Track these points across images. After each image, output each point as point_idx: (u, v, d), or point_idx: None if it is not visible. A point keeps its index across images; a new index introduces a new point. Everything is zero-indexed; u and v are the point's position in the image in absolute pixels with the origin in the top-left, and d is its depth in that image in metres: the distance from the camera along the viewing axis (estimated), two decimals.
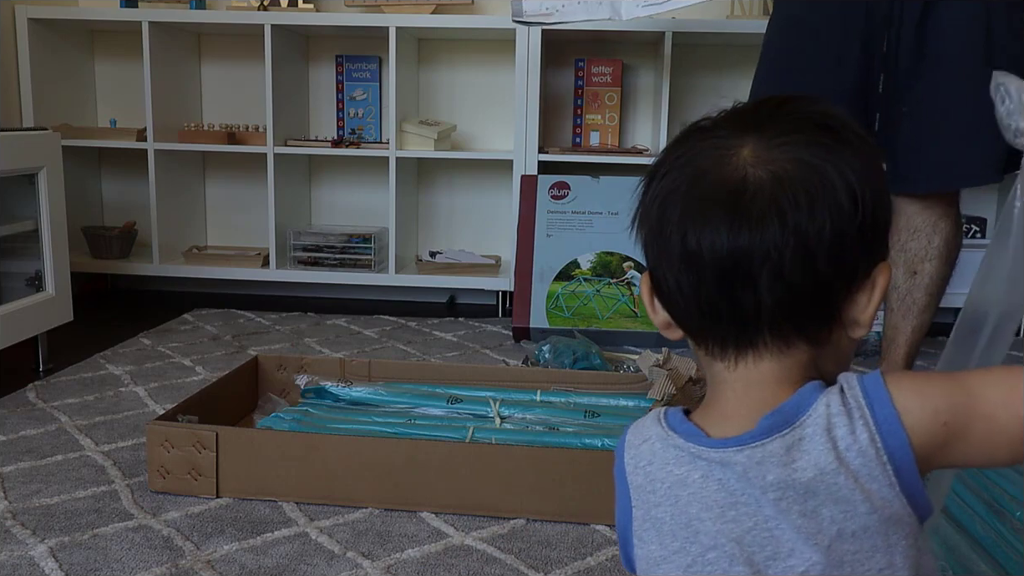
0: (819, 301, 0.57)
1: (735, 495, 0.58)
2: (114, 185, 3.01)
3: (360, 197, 2.95)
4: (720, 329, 0.59)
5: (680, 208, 0.58)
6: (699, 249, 0.56)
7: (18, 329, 1.91)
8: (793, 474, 0.56)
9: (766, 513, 0.57)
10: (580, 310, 2.36)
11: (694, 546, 0.60)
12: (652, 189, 0.61)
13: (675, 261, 0.58)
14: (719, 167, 0.57)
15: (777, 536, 0.57)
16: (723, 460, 0.58)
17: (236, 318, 2.57)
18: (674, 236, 0.58)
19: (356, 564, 1.17)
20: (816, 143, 0.56)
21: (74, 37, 2.87)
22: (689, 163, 0.59)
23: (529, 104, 2.58)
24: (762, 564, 0.57)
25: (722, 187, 0.56)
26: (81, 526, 1.26)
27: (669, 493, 0.62)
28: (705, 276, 0.57)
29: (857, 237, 0.56)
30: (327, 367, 1.75)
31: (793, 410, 0.57)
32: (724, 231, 0.55)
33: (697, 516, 0.59)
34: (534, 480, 1.31)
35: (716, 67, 2.81)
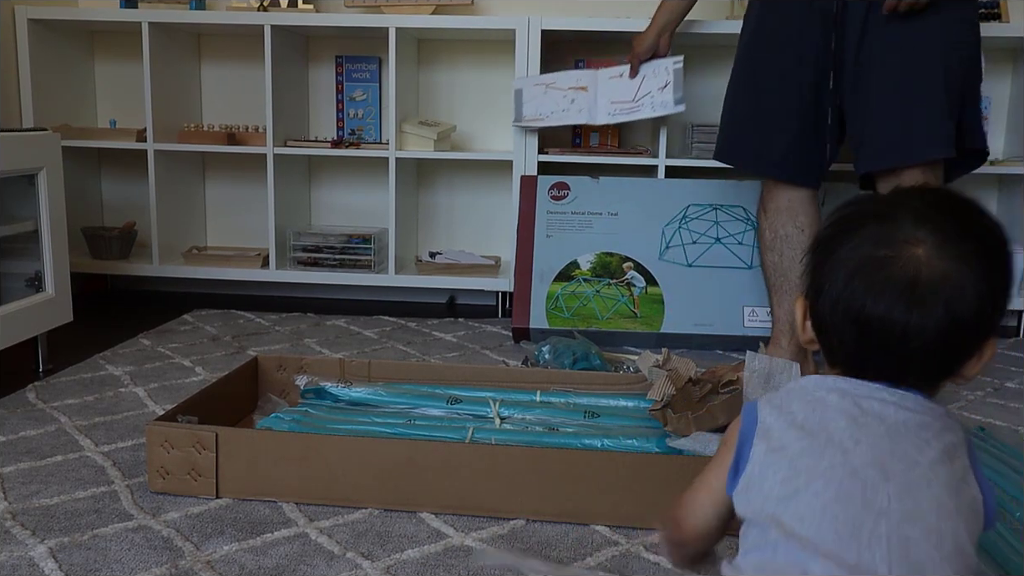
0: (948, 366, 0.78)
1: (863, 410, 0.79)
2: (114, 185, 3.01)
3: (360, 197, 2.95)
4: (865, 369, 0.79)
5: (864, 284, 0.76)
6: (873, 319, 0.75)
7: (18, 329, 1.92)
8: (906, 404, 0.78)
9: (890, 423, 0.78)
10: (580, 311, 2.37)
11: (841, 468, 0.80)
12: (840, 254, 0.78)
13: (849, 322, 0.77)
14: (899, 259, 0.75)
15: (903, 438, 0.77)
16: (856, 389, 0.80)
17: (236, 318, 2.57)
18: (855, 304, 0.76)
19: (356, 564, 1.17)
20: (972, 255, 0.75)
21: (74, 37, 2.87)
22: (875, 247, 0.77)
23: None
24: (887, 458, 0.76)
25: (901, 277, 0.75)
26: (81, 527, 1.26)
27: (809, 413, 0.82)
28: (871, 340, 0.76)
29: (986, 323, 0.76)
30: (327, 367, 1.75)
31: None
32: (900, 310, 0.74)
33: (832, 435, 0.80)
34: (534, 480, 1.31)
35: (716, 67, 2.81)
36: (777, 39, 1.81)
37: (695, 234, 2.40)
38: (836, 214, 0.82)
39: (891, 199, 0.81)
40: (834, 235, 0.80)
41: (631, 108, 2.43)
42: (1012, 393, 1.99)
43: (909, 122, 1.69)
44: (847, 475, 0.73)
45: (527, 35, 2.55)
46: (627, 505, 1.29)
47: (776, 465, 0.78)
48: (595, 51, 2.79)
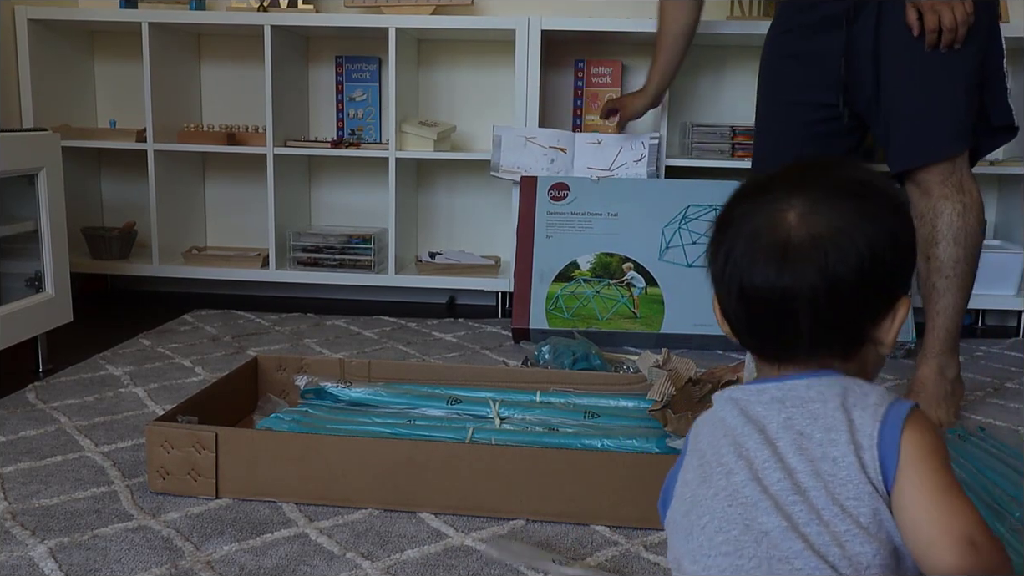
0: (846, 330, 0.76)
1: (749, 416, 0.77)
2: (114, 186, 3.01)
3: (360, 198, 2.95)
4: (767, 346, 0.79)
5: (739, 263, 0.76)
6: (751, 290, 0.75)
7: (18, 330, 1.92)
8: (806, 403, 0.75)
9: (772, 432, 0.75)
10: (580, 311, 2.37)
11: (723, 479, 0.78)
12: (722, 242, 0.78)
13: (734, 299, 0.77)
14: (769, 228, 0.75)
15: (774, 447, 0.74)
16: (759, 391, 0.78)
17: (236, 319, 2.57)
18: (734, 283, 0.76)
19: (356, 565, 1.17)
20: (847, 211, 0.74)
21: (74, 37, 2.87)
22: (748, 221, 0.77)
23: (529, 105, 2.58)
24: (760, 467, 0.74)
25: (771, 245, 0.74)
26: (81, 527, 1.26)
27: (711, 434, 0.81)
28: (757, 310, 0.76)
29: (875, 282, 0.74)
30: (327, 368, 1.75)
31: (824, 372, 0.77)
32: (772, 275, 0.74)
33: (716, 446, 0.80)
34: (534, 480, 1.31)
35: (716, 67, 2.81)
36: (788, 51, 1.92)
37: (695, 234, 2.40)
38: (729, 200, 0.81)
39: (771, 173, 0.80)
40: (720, 219, 0.80)
41: (606, 175, 2.53)
42: (1012, 393, 1.99)
43: (931, 120, 1.72)
44: (728, 501, 0.72)
45: (527, 35, 2.55)
46: (627, 505, 1.29)
47: (680, 499, 0.78)
48: (595, 51, 2.79)
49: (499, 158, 2.57)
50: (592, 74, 2.76)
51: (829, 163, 0.80)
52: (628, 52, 2.81)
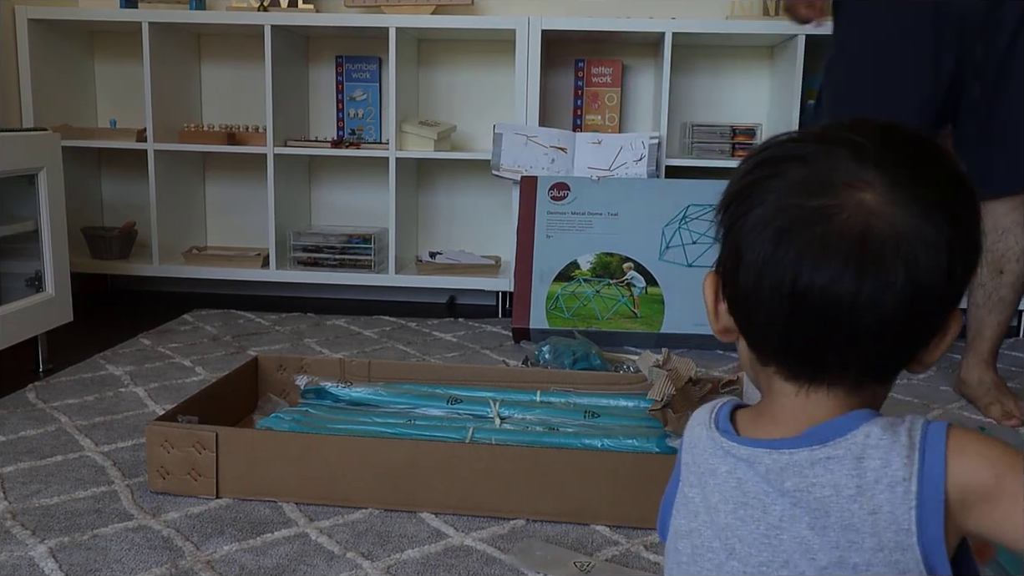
0: (910, 350, 0.59)
1: (748, 495, 0.60)
2: (114, 185, 3.01)
3: (360, 197, 2.95)
4: (800, 363, 0.60)
5: (798, 246, 0.57)
6: (811, 291, 0.56)
7: (18, 329, 1.91)
8: (811, 488, 0.57)
9: (772, 520, 0.59)
10: (580, 311, 2.36)
11: (706, 531, 0.63)
12: (759, 210, 0.59)
13: (779, 296, 0.57)
14: (842, 209, 0.56)
15: (775, 545, 0.59)
16: (750, 459, 0.61)
17: (236, 318, 2.57)
18: (787, 272, 0.57)
19: (356, 564, 1.17)
20: (934, 200, 0.57)
21: (74, 37, 2.87)
22: (807, 194, 0.57)
23: (529, 105, 2.58)
24: (754, 568, 0.59)
25: (847, 233, 0.56)
26: (81, 526, 1.26)
27: (700, 479, 0.64)
28: (807, 317, 0.57)
29: (956, 289, 0.58)
30: (327, 367, 1.75)
31: (834, 429, 0.58)
32: (849, 278, 0.55)
33: (715, 506, 0.62)
34: (534, 480, 1.31)
35: (716, 67, 2.82)
36: (897, 50, 1.76)
37: (695, 234, 2.40)
38: (751, 159, 0.62)
39: (821, 133, 0.61)
40: (751, 184, 0.60)
41: (606, 175, 2.51)
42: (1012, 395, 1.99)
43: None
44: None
45: (527, 35, 2.55)
46: (627, 505, 1.29)
47: (672, 554, 0.67)
48: (595, 51, 2.79)
49: (500, 156, 2.57)
50: (592, 74, 2.76)
51: (913, 134, 0.60)
52: (628, 52, 2.81)
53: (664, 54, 2.52)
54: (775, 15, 2.62)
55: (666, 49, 2.51)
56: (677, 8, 2.72)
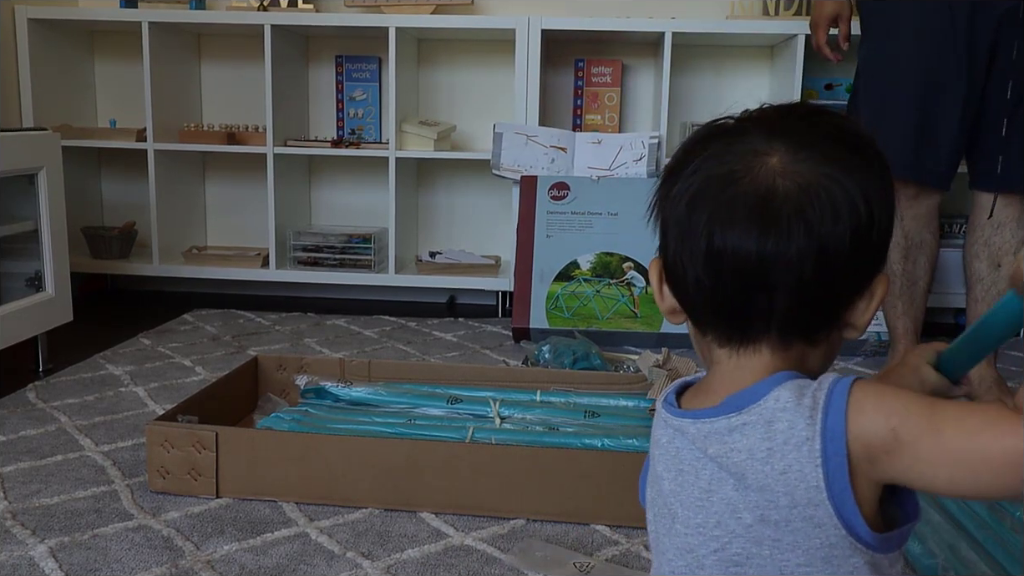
0: (828, 308, 0.62)
1: (683, 462, 0.64)
2: (114, 185, 3.01)
3: (360, 197, 2.95)
4: (729, 324, 0.63)
5: (709, 209, 0.61)
6: (724, 250, 0.60)
7: (18, 329, 1.91)
8: (729, 453, 0.61)
9: (703, 484, 0.63)
10: (580, 311, 2.36)
11: (658, 499, 0.67)
12: (679, 184, 0.63)
13: (699, 258, 0.61)
14: (748, 172, 0.60)
15: (707, 507, 0.62)
16: (681, 428, 0.64)
17: (236, 318, 2.57)
18: (701, 235, 0.61)
19: (356, 564, 1.17)
20: (838, 159, 0.60)
21: (74, 37, 2.87)
22: (719, 163, 0.62)
23: (529, 104, 2.58)
24: (692, 530, 0.63)
25: (752, 193, 0.60)
26: (81, 526, 1.26)
27: (653, 451, 0.69)
28: (725, 276, 0.61)
29: (866, 250, 0.61)
30: (327, 367, 1.75)
31: (749, 397, 0.61)
32: (753, 236, 0.59)
33: (660, 475, 0.66)
34: (534, 480, 1.31)
35: (716, 67, 2.82)
36: (935, 47, 1.75)
37: None
38: (682, 145, 0.67)
39: (743, 115, 0.67)
40: (676, 163, 0.65)
41: (606, 175, 2.52)
42: (1012, 393, 1.99)
43: None
44: (656, 545, 0.68)
45: (527, 35, 2.55)
46: (627, 505, 1.29)
47: (648, 525, 0.71)
48: (595, 51, 2.79)
49: (500, 156, 2.57)
50: (592, 74, 2.76)
51: (811, 108, 0.66)
52: (628, 52, 2.81)
53: (664, 54, 2.52)
54: (775, 15, 2.62)
55: (666, 49, 2.51)
56: (677, 8, 2.71)
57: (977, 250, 1.85)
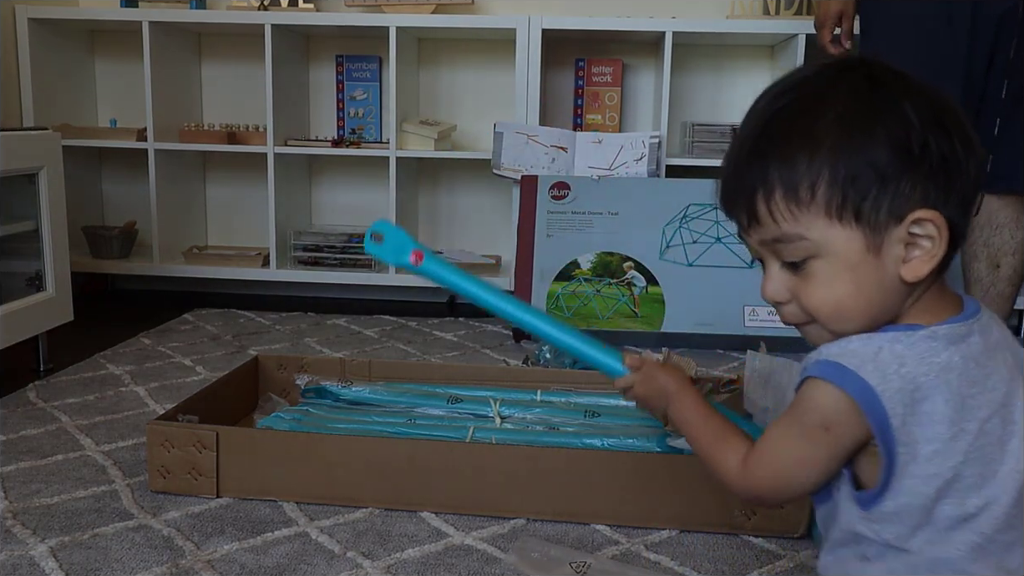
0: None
1: (985, 368, 0.70)
2: (114, 185, 3.01)
3: (360, 197, 2.95)
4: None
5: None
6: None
7: (18, 329, 1.91)
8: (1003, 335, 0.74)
9: (1003, 374, 0.70)
10: (580, 310, 2.36)
11: (971, 423, 0.69)
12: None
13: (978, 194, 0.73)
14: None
15: (1011, 393, 0.70)
16: (966, 333, 0.70)
17: (236, 318, 2.57)
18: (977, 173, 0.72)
19: (356, 564, 1.17)
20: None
21: (74, 37, 2.87)
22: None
23: (529, 104, 2.59)
24: (1017, 419, 0.70)
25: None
26: (81, 526, 1.26)
27: (938, 381, 0.69)
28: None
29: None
30: (327, 367, 1.75)
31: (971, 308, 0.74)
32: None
33: (968, 393, 0.69)
34: (534, 480, 1.31)
35: (716, 67, 2.82)
36: (933, 46, 1.76)
37: (695, 233, 2.40)
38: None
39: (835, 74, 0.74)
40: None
41: (606, 174, 2.52)
42: None
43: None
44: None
45: (527, 34, 2.55)
46: (627, 505, 1.29)
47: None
48: (595, 51, 2.79)
49: (500, 155, 2.57)
50: (593, 73, 2.76)
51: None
52: (629, 51, 2.81)
53: (664, 53, 2.52)
54: (775, 14, 2.62)
55: (666, 48, 2.51)
56: (677, 7, 2.71)
57: (976, 251, 1.85)
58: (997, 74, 1.72)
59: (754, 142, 0.71)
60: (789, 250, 0.72)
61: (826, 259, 0.70)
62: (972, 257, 1.86)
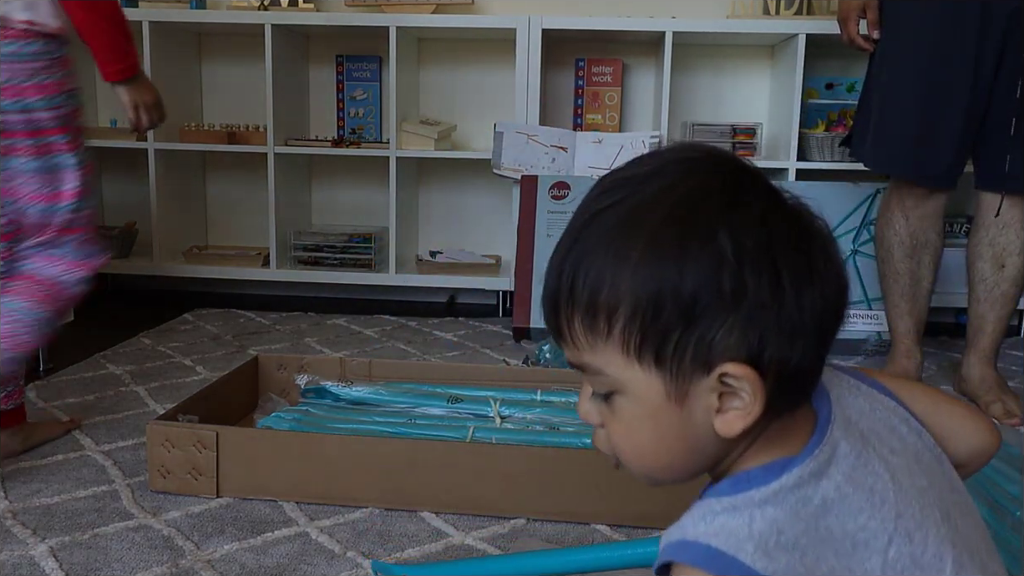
0: None
1: (863, 483, 0.61)
2: (114, 185, 3.01)
3: (360, 197, 2.95)
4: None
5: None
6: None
7: None
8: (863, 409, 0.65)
9: (882, 475, 0.61)
10: None
11: (873, 559, 0.59)
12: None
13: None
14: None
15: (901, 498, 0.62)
16: (829, 456, 0.61)
17: (236, 318, 2.57)
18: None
19: (356, 564, 1.17)
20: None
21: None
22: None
23: (529, 104, 2.58)
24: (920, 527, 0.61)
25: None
26: (81, 526, 1.26)
27: (817, 537, 0.59)
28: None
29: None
30: (327, 367, 1.75)
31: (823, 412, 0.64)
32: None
33: (857, 526, 0.60)
34: (534, 480, 1.31)
35: (716, 67, 2.81)
36: (941, 46, 1.75)
37: None
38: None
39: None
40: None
41: None
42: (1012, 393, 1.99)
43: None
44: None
45: (527, 34, 2.55)
46: (627, 504, 1.29)
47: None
48: (595, 51, 2.79)
49: (500, 155, 2.57)
50: (593, 73, 2.76)
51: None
52: (629, 51, 2.81)
53: (665, 53, 2.52)
54: (775, 14, 2.62)
55: (667, 48, 2.51)
56: (678, 7, 2.71)
57: (981, 250, 1.84)
58: (1009, 73, 1.71)
59: (568, 246, 0.59)
60: (593, 380, 0.61)
61: (628, 399, 0.59)
62: (976, 256, 1.85)
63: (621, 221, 0.58)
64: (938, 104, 1.76)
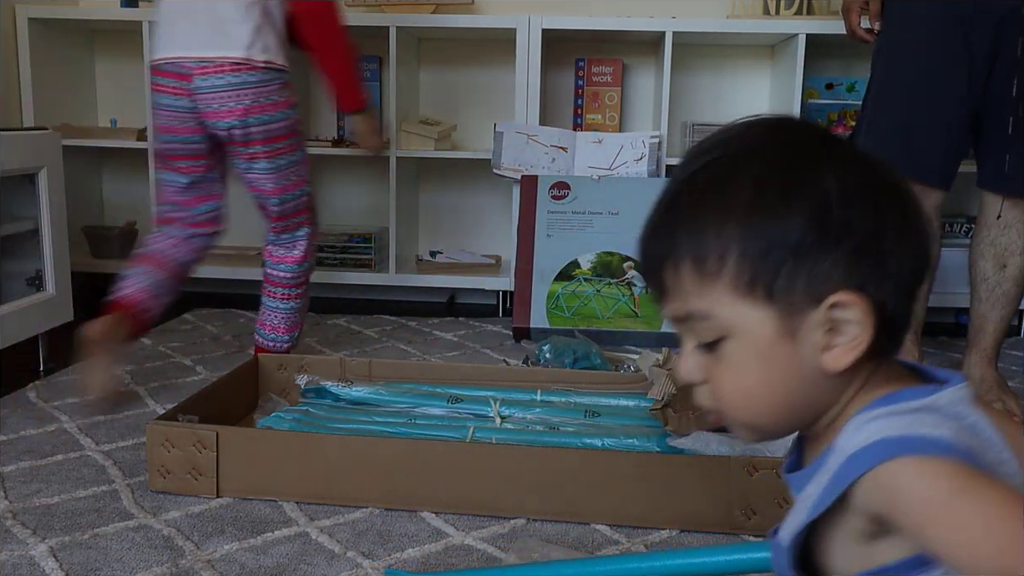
0: None
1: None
2: (114, 185, 3.01)
3: (360, 197, 2.95)
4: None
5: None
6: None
7: (18, 329, 1.92)
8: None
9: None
10: (580, 310, 2.36)
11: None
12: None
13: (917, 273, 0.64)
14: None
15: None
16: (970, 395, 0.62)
17: (236, 318, 2.57)
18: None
19: (356, 564, 1.17)
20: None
21: (74, 37, 2.87)
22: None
23: (529, 104, 2.58)
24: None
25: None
26: (81, 526, 1.26)
27: (975, 442, 0.60)
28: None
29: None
30: (327, 367, 1.75)
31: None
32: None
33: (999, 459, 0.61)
34: (534, 480, 1.31)
35: (716, 67, 2.81)
36: (935, 42, 1.76)
37: None
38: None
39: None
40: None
41: (606, 174, 2.52)
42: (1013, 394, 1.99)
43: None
44: None
45: (527, 34, 2.55)
46: (627, 504, 1.29)
47: None
48: (595, 51, 2.79)
49: (500, 155, 2.57)
50: (593, 73, 2.76)
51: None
52: (629, 51, 2.81)
53: (665, 53, 2.52)
54: (775, 14, 2.62)
55: (667, 48, 2.51)
56: (677, 7, 2.71)
57: (983, 250, 1.85)
58: (1003, 73, 1.72)
59: (667, 205, 0.64)
60: (699, 329, 0.63)
61: (737, 341, 0.61)
62: (978, 256, 1.86)
63: (723, 171, 0.62)
64: (931, 104, 1.77)
